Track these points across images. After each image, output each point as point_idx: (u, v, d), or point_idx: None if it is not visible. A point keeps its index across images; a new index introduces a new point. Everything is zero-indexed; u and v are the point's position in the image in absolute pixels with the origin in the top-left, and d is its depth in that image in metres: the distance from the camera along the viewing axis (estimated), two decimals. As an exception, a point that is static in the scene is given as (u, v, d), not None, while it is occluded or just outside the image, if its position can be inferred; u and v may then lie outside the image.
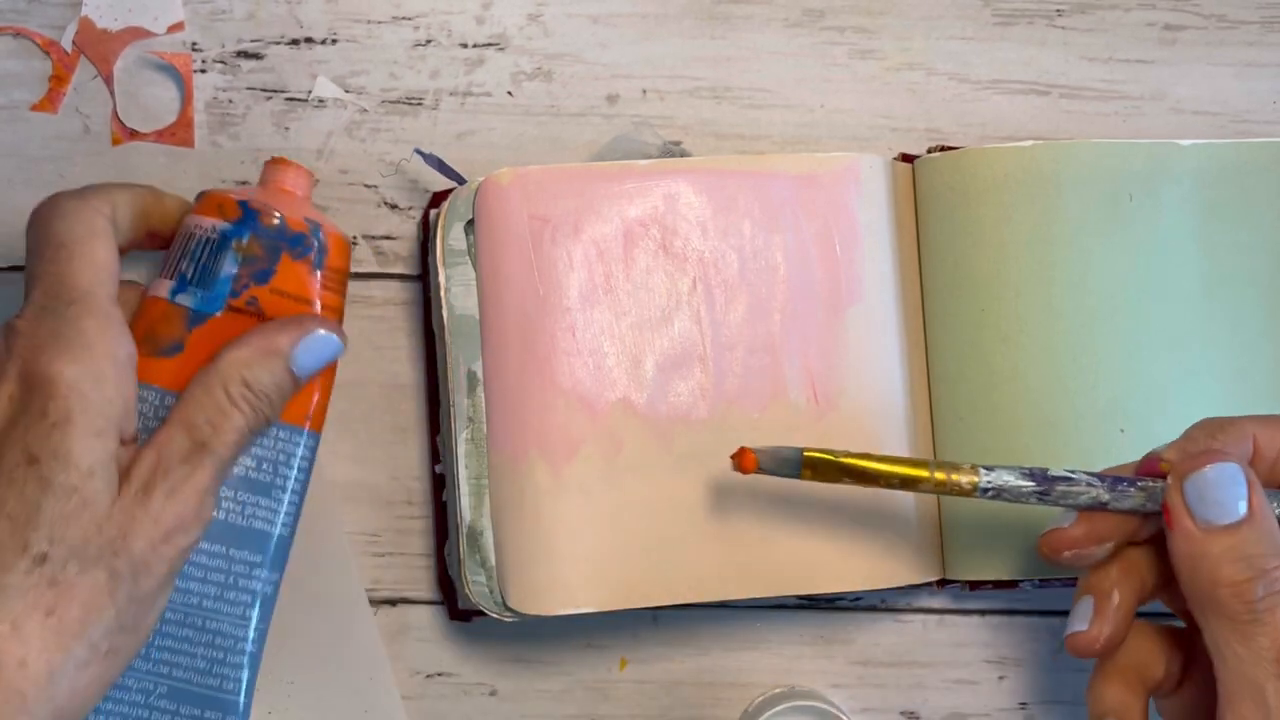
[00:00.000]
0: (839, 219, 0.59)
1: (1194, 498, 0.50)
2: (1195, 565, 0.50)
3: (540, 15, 0.62)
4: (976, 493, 0.52)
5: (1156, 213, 0.59)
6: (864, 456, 0.53)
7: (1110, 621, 0.53)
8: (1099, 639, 0.53)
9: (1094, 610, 0.53)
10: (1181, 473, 0.51)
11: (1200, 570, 0.50)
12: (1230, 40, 0.63)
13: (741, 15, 0.62)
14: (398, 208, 0.62)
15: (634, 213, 0.58)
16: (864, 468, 0.53)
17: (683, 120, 0.62)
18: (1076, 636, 0.53)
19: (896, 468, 0.53)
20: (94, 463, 0.46)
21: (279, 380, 0.51)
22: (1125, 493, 0.52)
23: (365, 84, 0.62)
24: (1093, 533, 0.53)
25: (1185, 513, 0.50)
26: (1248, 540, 0.49)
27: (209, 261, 0.52)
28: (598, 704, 0.63)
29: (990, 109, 0.63)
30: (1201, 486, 0.50)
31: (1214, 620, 0.49)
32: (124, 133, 0.61)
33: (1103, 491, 0.52)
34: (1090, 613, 0.53)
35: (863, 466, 0.53)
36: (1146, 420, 0.58)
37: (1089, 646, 0.53)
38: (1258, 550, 0.49)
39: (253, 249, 0.52)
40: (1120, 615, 0.53)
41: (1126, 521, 0.53)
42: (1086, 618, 0.53)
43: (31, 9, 0.61)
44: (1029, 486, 0.52)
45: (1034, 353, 0.59)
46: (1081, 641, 0.53)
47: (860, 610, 0.63)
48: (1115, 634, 0.53)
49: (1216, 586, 0.49)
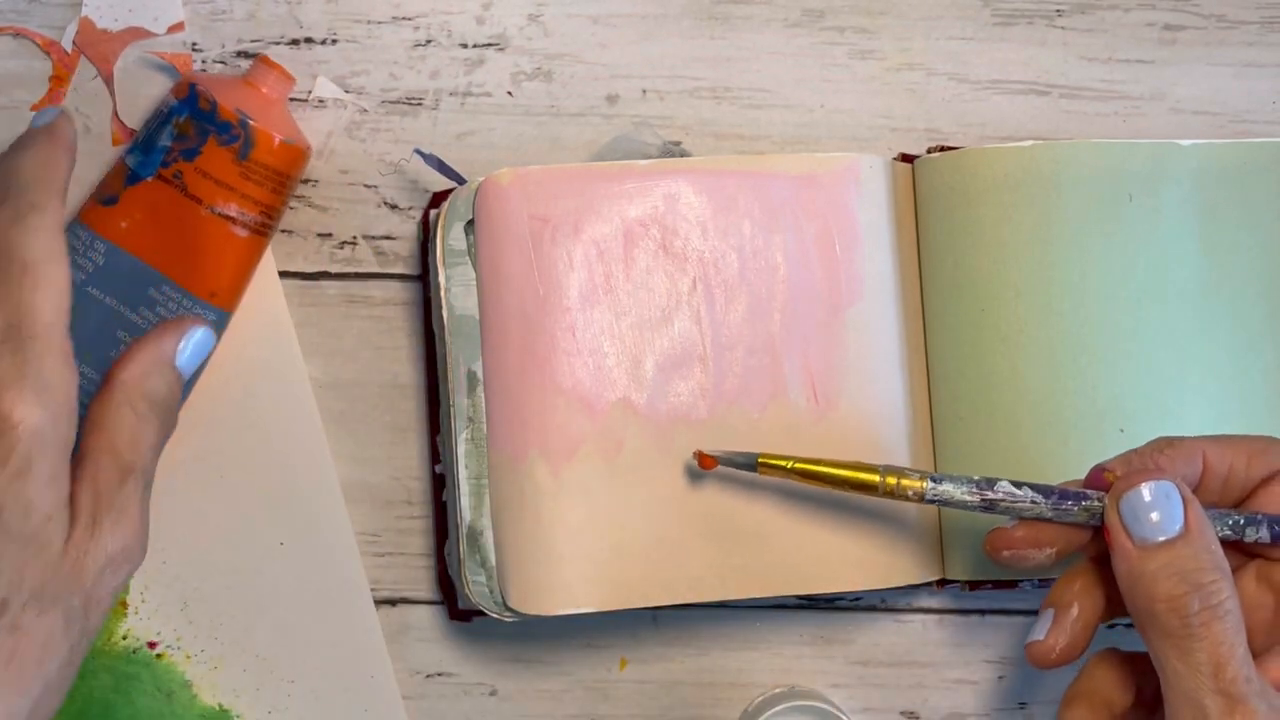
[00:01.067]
0: (839, 219, 0.59)
1: (1129, 516, 0.51)
2: (1134, 583, 0.50)
3: (540, 15, 0.62)
4: (925, 500, 0.54)
5: (1156, 213, 0.59)
6: (816, 461, 0.55)
7: (1067, 633, 0.53)
8: (1054, 649, 0.53)
9: (1052, 622, 0.53)
10: (1117, 491, 0.51)
11: (1138, 587, 0.50)
12: (1230, 40, 0.63)
13: (741, 15, 0.62)
14: (398, 208, 0.62)
15: (634, 213, 0.58)
16: (815, 471, 0.55)
17: (682, 120, 0.62)
18: (1034, 645, 0.53)
19: (847, 472, 0.55)
20: (51, 507, 0.46)
21: (171, 386, 0.52)
22: (1068, 510, 0.53)
23: (365, 84, 0.62)
24: (1031, 537, 0.54)
25: (1122, 531, 0.51)
26: (1183, 556, 0.49)
27: (154, 131, 0.58)
28: (598, 704, 0.63)
29: (990, 109, 0.63)
30: (1136, 505, 0.50)
31: (1154, 637, 0.49)
32: (124, 133, 0.61)
33: (1045, 508, 0.53)
34: (1049, 624, 0.53)
35: (814, 470, 0.55)
36: (1146, 420, 0.58)
37: (1045, 656, 0.53)
38: (1193, 565, 0.49)
39: (186, 127, 0.57)
40: (1078, 628, 0.53)
41: (1071, 532, 0.54)
42: (1045, 628, 0.53)
43: (32, 9, 0.61)
44: (973, 500, 0.53)
45: (1033, 353, 0.59)
46: (1038, 650, 0.53)
47: (860, 610, 0.63)
48: (1071, 646, 0.53)
49: (1153, 602, 0.49)
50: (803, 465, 0.55)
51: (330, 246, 0.62)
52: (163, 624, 0.61)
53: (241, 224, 0.58)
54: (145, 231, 0.58)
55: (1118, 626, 0.61)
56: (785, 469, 0.55)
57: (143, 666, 0.61)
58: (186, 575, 0.61)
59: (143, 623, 0.61)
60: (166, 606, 0.61)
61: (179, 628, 0.61)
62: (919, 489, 0.54)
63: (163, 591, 0.61)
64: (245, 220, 0.58)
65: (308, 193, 0.62)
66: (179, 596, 0.61)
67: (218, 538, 0.61)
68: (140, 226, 0.58)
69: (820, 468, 0.55)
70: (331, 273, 0.62)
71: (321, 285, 0.62)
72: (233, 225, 0.58)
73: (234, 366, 0.61)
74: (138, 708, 0.61)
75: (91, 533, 0.47)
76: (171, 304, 0.58)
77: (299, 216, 0.62)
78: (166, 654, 0.61)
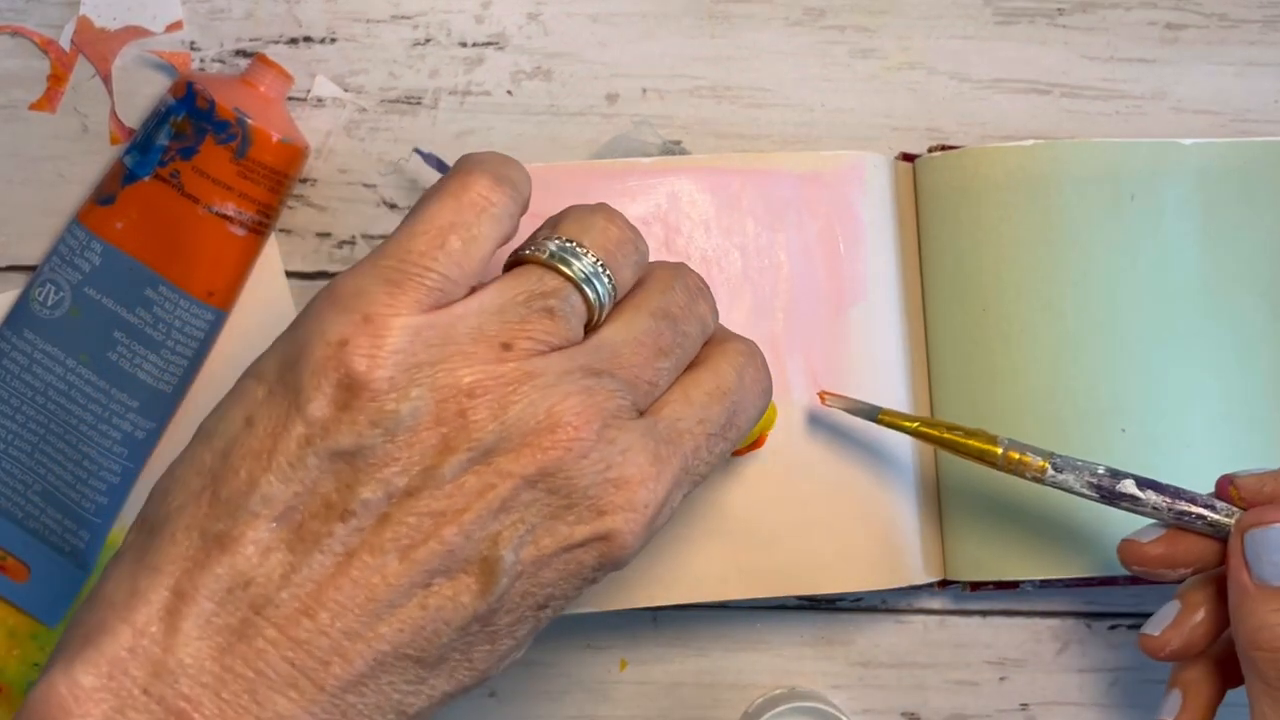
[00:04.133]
0: (843, 218, 0.59)
1: (1251, 551, 0.50)
2: (1241, 618, 0.49)
3: (540, 14, 0.62)
4: (1043, 482, 0.53)
5: (1158, 212, 0.59)
6: (938, 424, 0.54)
7: (1184, 636, 0.52)
8: (1165, 647, 0.53)
9: (1173, 620, 0.53)
10: (1245, 525, 0.50)
11: (1245, 624, 0.49)
12: (1231, 39, 0.63)
13: (742, 14, 0.62)
14: (397, 207, 0.62)
15: (637, 210, 0.58)
16: (937, 435, 0.54)
17: (683, 119, 0.62)
18: (1147, 639, 0.53)
19: (970, 440, 0.54)
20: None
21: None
22: (1190, 521, 0.52)
23: (364, 83, 0.62)
24: (1166, 557, 0.53)
25: (1242, 563, 0.50)
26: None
27: (152, 130, 0.58)
28: (598, 705, 0.63)
29: (991, 108, 0.63)
30: (1260, 544, 0.49)
31: (1250, 675, 0.49)
32: (122, 132, 0.61)
33: (1167, 515, 0.52)
34: (1170, 620, 0.53)
35: (936, 434, 0.54)
36: (1147, 419, 0.58)
37: (1155, 651, 0.53)
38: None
39: (184, 126, 0.57)
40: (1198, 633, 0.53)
41: (1206, 552, 0.52)
42: (1164, 624, 0.53)
43: (30, 8, 0.61)
44: (1091, 495, 0.53)
45: (1035, 352, 0.59)
46: (1150, 645, 0.53)
47: (861, 611, 0.63)
48: (1186, 647, 0.53)
49: (1256, 648, 0.49)
50: (926, 428, 0.54)
51: (329, 246, 0.62)
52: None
53: (239, 223, 0.58)
54: (142, 231, 0.58)
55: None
56: (908, 428, 0.55)
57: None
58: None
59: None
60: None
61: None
62: (1039, 469, 0.53)
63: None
64: (242, 219, 0.58)
65: (306, 192, 0.62)
66: (177, 597, 0.61)
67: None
68: (137, 226, 0.58)
69: (943, 432, 0.54)
70: (330, 272, 0.62)
71: (321, 285, 0.62)
72: (230, 224, 0.58)
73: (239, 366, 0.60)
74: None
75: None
76: (168, 304, 0.58)
77: (298, 216, 0.62)
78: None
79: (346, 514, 0.41)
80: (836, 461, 0.59)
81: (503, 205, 0.43)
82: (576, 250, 0.44)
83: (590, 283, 0.44)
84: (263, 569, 0.40)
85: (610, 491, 0.43)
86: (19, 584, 0.60)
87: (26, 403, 0.59)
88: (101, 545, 0.60)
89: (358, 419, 0.40)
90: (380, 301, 0.41)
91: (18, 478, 0.59)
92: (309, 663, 0.40)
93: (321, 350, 0.41)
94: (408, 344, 0.41)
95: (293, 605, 0.40)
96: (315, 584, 0.40)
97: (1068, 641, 0.63)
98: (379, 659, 0.41)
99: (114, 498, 0.59)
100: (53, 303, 0.58)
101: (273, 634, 0.40)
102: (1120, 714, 0.63)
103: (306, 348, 0.41)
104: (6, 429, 0.59)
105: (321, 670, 0.40)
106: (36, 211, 0.61)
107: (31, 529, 0.59)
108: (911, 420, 0.55)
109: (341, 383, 0.40)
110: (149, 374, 0.58)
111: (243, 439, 0.41)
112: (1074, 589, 0.62)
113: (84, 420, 0.59)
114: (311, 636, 0.40)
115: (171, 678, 0.39)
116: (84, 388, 0.59)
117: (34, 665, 0.60)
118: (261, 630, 0.40)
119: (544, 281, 0.43)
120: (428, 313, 0.41)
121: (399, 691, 0.42)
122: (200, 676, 0.40)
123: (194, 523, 0.41)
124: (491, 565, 0.42)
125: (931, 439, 0.54)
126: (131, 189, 0.58)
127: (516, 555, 0.42)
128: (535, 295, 0.43)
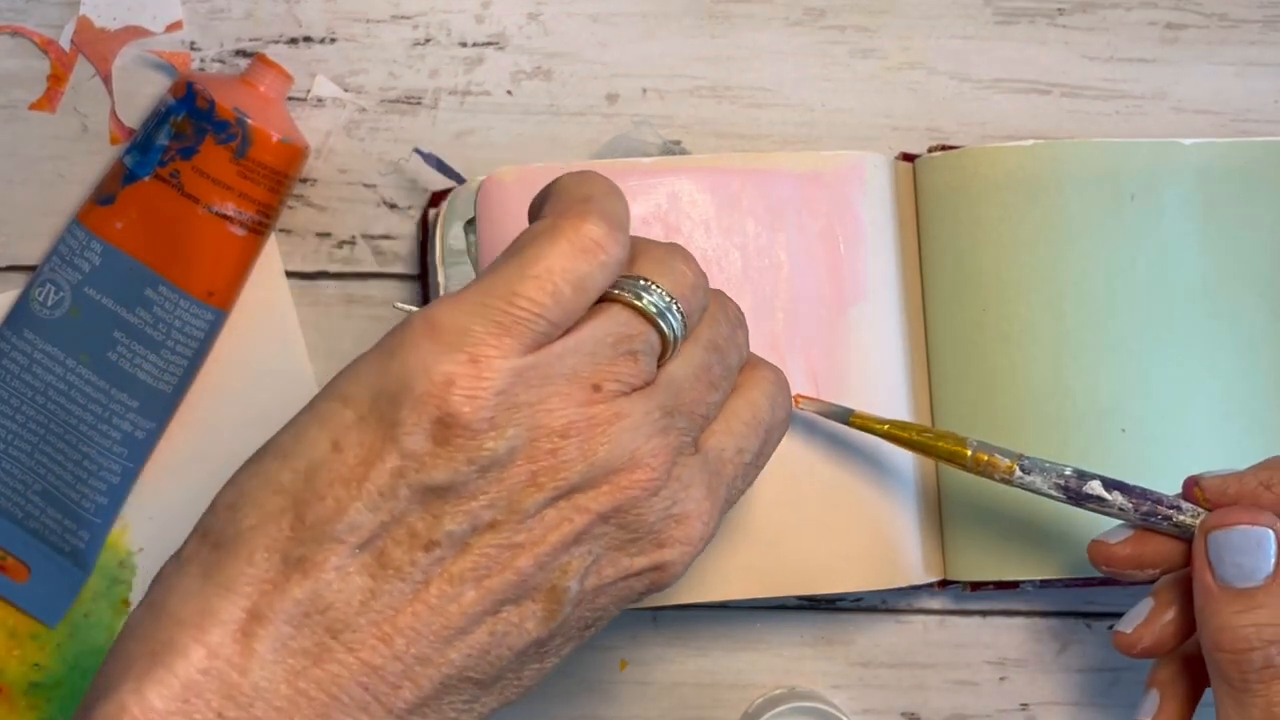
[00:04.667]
0: (843, 217, 0.59)
1: (1215, 553, 0.50)
2: (1205, 619, 0.50)
3: (540, 14, 0.62)
4: (1011, 483, 0.53)
5: (1158, 212, 0.59)
6: (908, 427, 0.55)
7: (1155, 634, 0.53)
8: (1137, 645, 0.53)
9: (1145, 618, 0.53)
10: (1207, 527, 0.50)
11: (1208, 625, 0.49)
12: (1232, 39, 0.63)
13: (742, 14, 0.62)
14: (397, 207, 0.62)
15: (637, 210, 0.58)
16: (907, 437, 0.55)
17: (683, 119, 0.62)
18: (1120, 636, 0.53)
19: (940, 442, 0.54)
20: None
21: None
22: (1156, 522, 0.52)
23: (364, 83, 0.62)
24: (1134, 558, 0.53)
25: (1205, 565, 0.50)
26: (1261, 608, 0.49)
27: (151, 130, 0.58)
28: (598, 705, 0.63)
29: (991, 108, 0.63)
30: (1223, 546, 0.50)
31: (1214, 674, 0.49)
32: (122, 132, 0.61)
33: (1133, 516, 0.53)
34: (1143, 618, 0.53)
35: (906, 436, 0.55)
36: (1147, 420, 0.58)
37: (1128, 648, 0.53)
38: (1267, 620, 0.48)
39: (184, 126, 0.57)
40: (1168, 631, 0.53)
41: (1174, 552, 0.53)
42: (1136, 622, 0.53)
43: (29, 8, 0.61)
44: (1059, 495, 0.53)
45: (1035, 352, 0.59)
46: (1122, 642, 0.53)
47: (861, 611, 0.63)
48: (1158, 645, 0.53)
49: (1218, 649, 0.49)
50: (896, 430, 0.55)
51: (329, 246, 0.62)
52: (161, 625, 0.61)
53: (238, 223, 0.58)
54: (142, 231, 0.58)
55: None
56: (879, 430, 0.55)
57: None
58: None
59: (141, 624, 0.61)
60: (165, 607, 0.61)
61: (178, 629, 0.61)
62: (1007, 471, 0.53)
63: (161, 592, 0.61)
64: (242, 219, 0.58)
65: (306, 192, 0.62)
66: (177, 597, 0.61)
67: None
68: (137, 226, 0.58)
69: (912, 435, 0.54)
70: (330, 272, 0.62)
71: (320, 285, 0.62)
72: (229, 224, 0.58)
73: (239, 365, 0.61)
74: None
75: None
76: (168, 304, 0.58)
77: (297, 216, 0.62)
78: (165, 655, 0.61)
79: (431, 544, 0.41)
80: (836, 462, 0.58)
81: (615, 256, 0.44)
82: (657, 291, 0.45)
83: (669, 325, 0.45)
84: (342, 594, 0.40)
85: (672, 526, 0.44)
86: (19, 584, 0.60)
87: (26, 403, 0.59)
88: (101, 545, 0.60)
89: (455, 456, 0.41)
90: (487, 344, 0.41)
91: (18, 478, 0.59)
92: (381, 687, 0.41)
93: (424, 386, 0.41)
94: (510, 385, 0.41)
95: (370, 631, 0.40)
96: (393, 610, 0.41)
97: (1068, 641, 0.63)
98: (445, 682, 0.41)
99: (114, 498, 0.59)
100: (53, 303, 0.58)
101: (348, 658, 0.40)
102: (1120, 714, 0.63)
103: (408, 382, 0.41)
104: (6, 429, 0.59)
105: (392, 694, 0.41)
106: (36, 211, 0.61)
107: (31, 529, 0.59)
108: (882, 423, 0.55)
109: (441, 420, 0.41)
110: (149, 374, 0.59)
111: (330, 464, 0.41)
112: (1074, 589, 0.62)
113: (84, 420, 0.59)
114: (385, 661, 0.41)
115: (247, 701, 0.39)
116: (84, 388, 0.59)
117: (34, 665, 0.60)
118: (337, 654, 0.40)
119: (630, 324, 0.44)
120: (529, 353, 0.42)
121: (455, 710, 0.42)
122: (274, 700, 0.40)
123: (274, 545, 0.40)
124: (558, 594, 0.43)
125: (902, 441, 0.55)
126: (131, 189, 0.58)
127: (581, 584, 0.43)
128: (622, 338, 0.43)
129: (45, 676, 0.61)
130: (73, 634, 0.61)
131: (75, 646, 0.61)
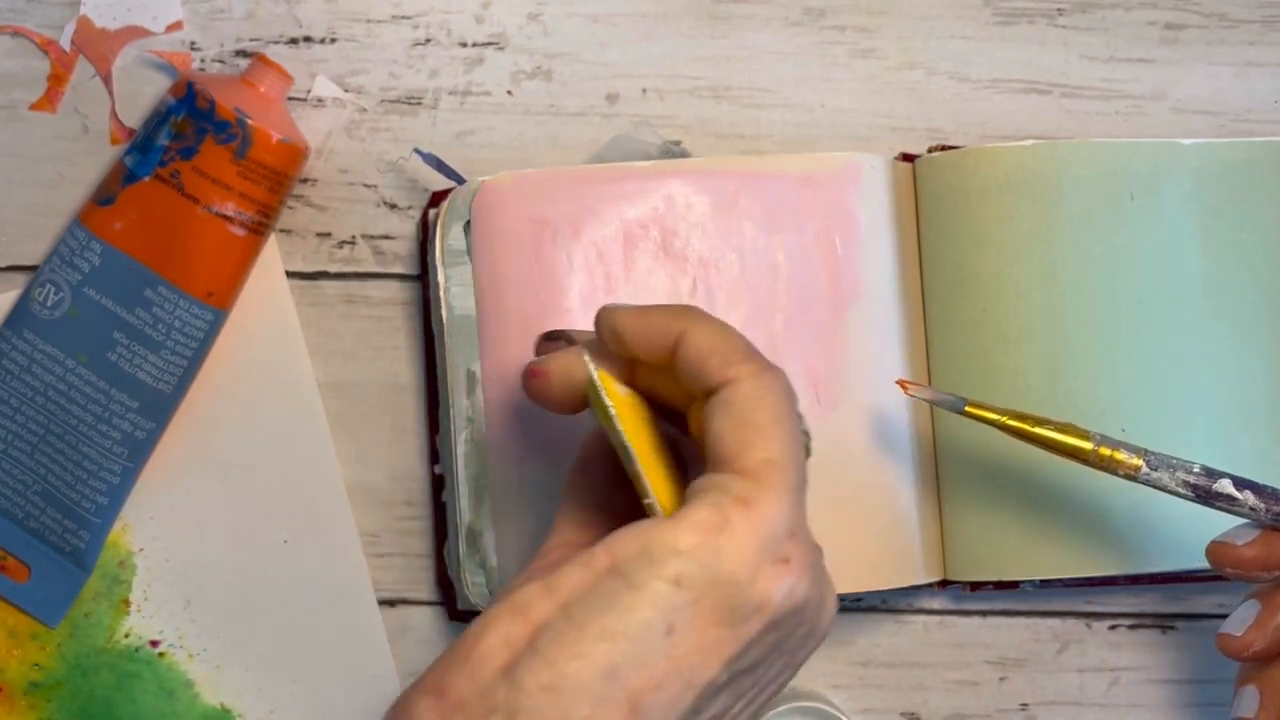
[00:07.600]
0: (840, 219, 0.59)
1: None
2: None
3: (540, 14, 0.62)
4: (1136, 479, 0.53)
5: (1157, 212, 0.59)
6: (1027, 417, 0.53)
7: (1266, 637, 0.52)
8: (1248, 648, 0.52)
9: (1254, 621, 0.52)
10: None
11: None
12: (1231, 39, 0.63)
13: (741, 15, 0.62)
14: (397, 207, 0.62)
15: (634, 214, 0.58)
16: (1027, 430, 0.53)
17: (683, 120, 0.62)
18: (1227, 639, 0.53)
19: (1061, 435, 0.53)
20: None
21: None
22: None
23: (364, 83, 0.62)
24: (1261, 560, 0.52)
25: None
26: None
27: (152, 130, 0.58)
28: (598, 704, 0.63)
29: (991, 108, 0.63)
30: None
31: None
32: (122, 132, 0.61)
33: (1264, 516, 0.52)
34: (1251, 621, 0.53)
35: (1026, 429, 0.53)
36: (1147, 420, 0.58)
37: (1237, 652, 0.53)
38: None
39: (184, 126, 0.57)
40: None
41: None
42: (1244, 625, 0.53)
43: (30, 8, 0.61)
44: (1186, 494, 0.53)
45: (1035, 352, 0.59)
46: (1231, 645, 0.53)
47: (861, 611, 0.63)
48: (1268, 649, 0.52)
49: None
50: (1015, 421, 0.53)
51: (329, 246, 0.62)
52: (165, 623, 0.61)
53: (238, 223, 0.58)
54: (142, 232, 0.58)
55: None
56: (996, 421, 0.53)
57: (145, 665, 0.61)
58: (189, 574, 0.61)
59: (145, 621, 0.61)
60: (169, 605, 0.61)
61: (181, 627, 0.61)
62: (1133, 467, 0.52)
63: (165, 590, 0.61)
64: (242, 219, 0.58)
65: (306, 192, 0.62)
66: (182, 595, 0.61)
67: (221, 537, 0.61)
68: (137, 227, 0.58)
69: (1032, 426, 0.53)
70: (330, 272, 0.62)
71: (320, 285, 0.62)
72: (229, 224, 0.58)
73: (239, 365, 0.61)
74: (140, 706, 0.61)
75: None
76: (168, 305, 0.58)
77: (298, 216, 0.62)
78: (169, 653, 0.61)
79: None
80: (837, 463, 0.59)
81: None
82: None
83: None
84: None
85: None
86: (19, 584, 0.60)
87: (26, 403, 0.59)
88: (101, 545, 0.60)
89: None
90: (799, 533, 0.45)
91: (18, 478, 0.59)
92: None
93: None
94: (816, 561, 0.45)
95: None
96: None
97: (1068, 641, 0.63)
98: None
99: (114, 498, 0.59)
100: (52, 303, 0.59)
101: None
102: (1120, 714, 0.63)
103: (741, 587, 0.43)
104: (6, 429, 0.59)
105: None
106: (36, 211, 0.61)
107: (31, 529, 0.59)
108: (999, 413, 0.54)
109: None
110: (149, 374, 0.59)
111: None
112: (1074, 589, 0.62)
113: (84, 420, 0.59)
114: None
115: None
116: (84, 388, 0.59)
117: (34, 665, 0.61)
118: None
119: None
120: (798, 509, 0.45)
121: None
122: None
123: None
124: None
125: (1019, 433, 0.53)
126: (131, 189, 0.58)
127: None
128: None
129: (45, 676, 0.61)
130: (73, 634, 0.61)
131: (75, 646, 0.61)
